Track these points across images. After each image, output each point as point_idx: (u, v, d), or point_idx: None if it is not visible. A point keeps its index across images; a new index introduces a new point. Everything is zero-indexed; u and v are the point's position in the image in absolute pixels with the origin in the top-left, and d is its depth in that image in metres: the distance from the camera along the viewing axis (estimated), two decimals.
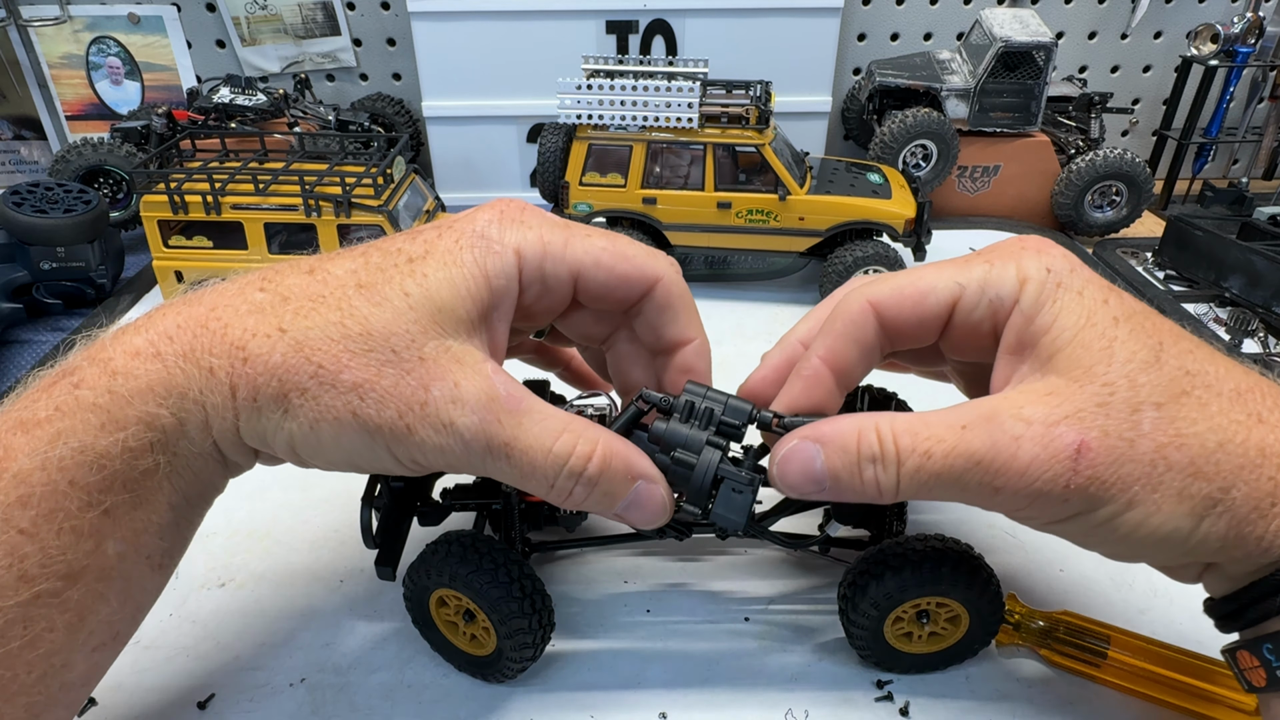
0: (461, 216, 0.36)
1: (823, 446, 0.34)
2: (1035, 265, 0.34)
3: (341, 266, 0.34)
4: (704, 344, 0.40)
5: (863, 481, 0.34)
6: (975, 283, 0.35)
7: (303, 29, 1.06)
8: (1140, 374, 0.31)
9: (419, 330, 0.33)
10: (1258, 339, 0.78)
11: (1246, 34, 0.99)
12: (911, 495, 0.34)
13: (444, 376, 0.32)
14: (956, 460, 0.32)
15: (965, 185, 1.01)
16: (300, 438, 0.33)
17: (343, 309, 0.33)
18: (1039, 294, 0.33)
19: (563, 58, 0.94)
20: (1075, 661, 0.42)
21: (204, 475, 0.34)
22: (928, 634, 0.42)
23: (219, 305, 0.33)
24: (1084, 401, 0.31)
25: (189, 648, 0.44)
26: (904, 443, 0.33)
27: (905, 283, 0.36)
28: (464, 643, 0.42)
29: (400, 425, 0.32)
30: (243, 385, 0.32)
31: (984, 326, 0.35)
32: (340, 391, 0.32)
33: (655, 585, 0.49)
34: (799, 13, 0.99)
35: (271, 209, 0.74)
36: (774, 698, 0.42)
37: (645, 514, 0.36)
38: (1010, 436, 0.31)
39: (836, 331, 0.37)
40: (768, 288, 0.86)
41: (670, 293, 0.38)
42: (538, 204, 0.86)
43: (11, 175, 1.10)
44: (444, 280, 0.34)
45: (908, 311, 0.36)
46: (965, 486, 0.32)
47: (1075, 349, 0.32)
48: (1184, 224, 0.88)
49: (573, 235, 0.37)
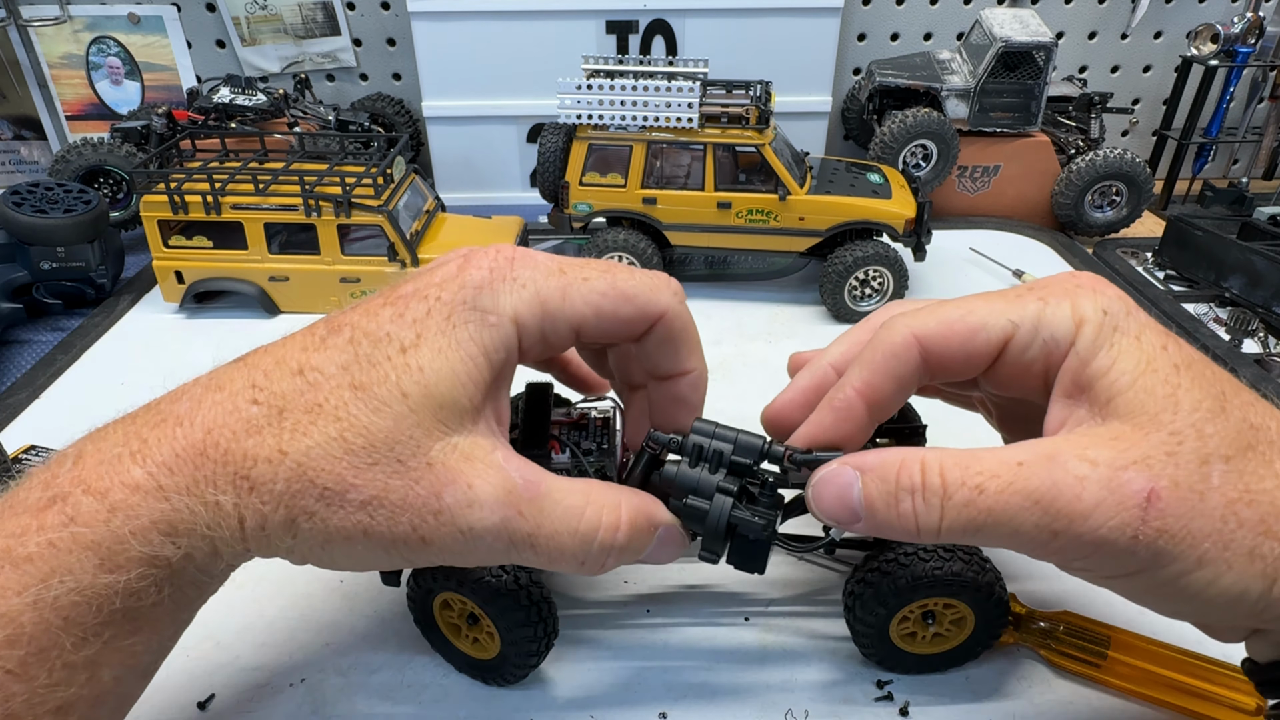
0: (448, 278, 0.34)
1: (862, 474, 0.33)
2: (1092, 306, 0.32)
3: (332, 362, 0.32)
4: (701, 374, 0.39)
5: (899, 514, 0.32)
6: (1029, 321, 0.33)
7: (303, 29, 1.06)
8: (1207, 424, 0.30)
9: (422, 434, 0.31)
10: (1258, 339, 0.78)
11: (1246, 34, 0.99)
12: (957, 535, 0.31)
13: (455, 480, 0.31)
14: (1013, 498, 0.30)
15: (965, 185, 1.01)
16: (314, 557, 0.33)
17: (341, 419, 0.31)
18: (1096, 336, 0.32)
19: (563, 58, 0.94)
20: (1076, 661, 0.42)
21: (209, 587, 0.34)
22: (932, 635, 0.42)
23: (214, 427, 0.31)
24: (1152, 448, 0.29)
25: (189, 648, 0.44)
26: (952, 476, 0.31)
27: (954, 317, 0.34)
28: (466, 646, 0.42)
29: (415, 537, 0.31)
30: (250, 515, 0.31)
31: (1036, 367, 0.34)
32: (349, 511, 0.31)
33: (655, 586, 0.49)
34: (799, 13, 0.99)
35: (271, 209, 0.75)
36: (774, 698, 0.42)
37: (668, 555, 0.36)
38: (1074, 476, 0.29)
39: (876, 364, 0.35)
40: (768, 288, 0.86)
41: (672, 328, 0.37)
42: (538, 204, 0.86)
43: (11, 175, 1.10)
44: (443, 373, 0.32)
45: (955, 348, 0.34)
46: (1019, 528, 0.30)
47: (1138, 394, 0.30)
48: (1184, 224, 0.88)
49: (570, 284, 0.35)
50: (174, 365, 0.71)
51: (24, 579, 0.28)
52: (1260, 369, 0.71)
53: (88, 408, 0.34)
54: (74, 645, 0.29)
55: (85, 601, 0.29)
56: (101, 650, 0.30)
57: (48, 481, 0.31)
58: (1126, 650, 0.41)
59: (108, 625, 0.30)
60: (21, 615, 0.28)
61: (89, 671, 0.30)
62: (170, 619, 0.32)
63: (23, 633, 0.28)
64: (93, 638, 0.29)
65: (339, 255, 0.76)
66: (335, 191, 0.74)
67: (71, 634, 0.29)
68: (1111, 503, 0.29)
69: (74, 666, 0.29)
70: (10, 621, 0.28)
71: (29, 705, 0.28)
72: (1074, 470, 0.29)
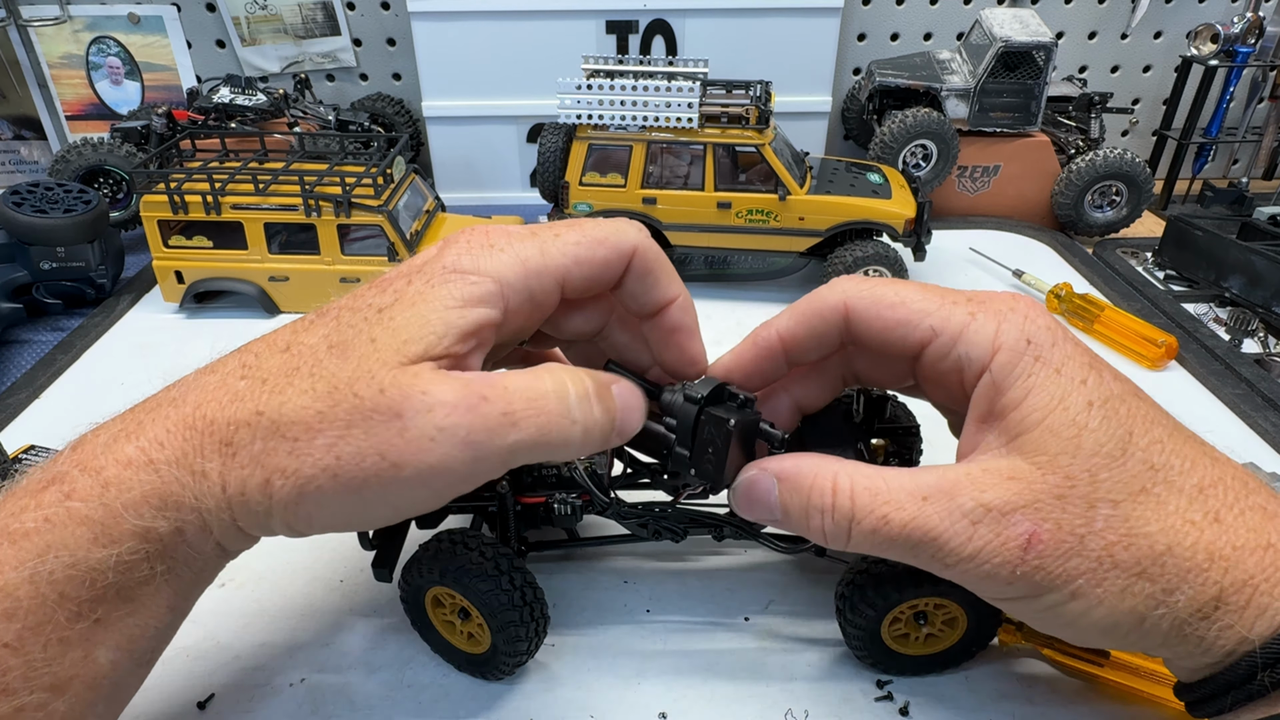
0: (428, 258, 0.34)
1: (780, 482, 0.36)
2: (1016, 333, 0.34)
3: (314, 335, 0.33)
4: (686, 299, 0.40)
5: (809, 528, 0.35)
6: (950, 333, 0.35)
7: (303, 29, 1.06)
8: (1103, 469, 0.32)
9: (380, 367, 0.30)
10: (1258, 339, 0.78)
11: (1246, 34, 0.99)
12: (864, 550, 0.35)
13: (410, 392, 0.30)
14: (913, 532, 0.33)
15: (965, 185, 1.01)
16: (290, 517, 0.32)
17: (314, 374, 0.31)
18: (1012, 366, 0.33)
19: (563, 58, 0.94)
20: (1078, 660, 0.42)
21: (204, 571, 0.34)
22: (925, 636, 0.42)
23: (203, 402, 0.32)
24: (1043, 492, 0.32)
25: (189, 648, 0.44)
26: (861, 501, 0.34)
27: (887, 303, 0.36)
28: (462, 641, 0.42)
29: (385, 464, 0.30)
30: (232, 481, 0.31)
31: (951, 378, 0.36)
32: (316, 456, 0.30)
33: (655, 585, 0.49)
34: (799, 13, 0.99)
35: (271, 209, 0.74)
36: (774, 698, 0.42)
37: (633, 413, 0.36)
38: (968, 521, 0.32)
39: (802, 316, 0.39)
40: (768, 288, 0.86)
41: (646, 259, 0.38)
42: (538, 204, 0.86)
43: (11, 175, 1.10)
44: (411, 319, 0.32)
45: (876, 330, 0.37)
46: (917, 557, 0.34)
47: (1043, 434, 0.32)
48: (1184, 224, 0.88)
49: (545, 242, 0.35)
50: (174, 365, 0.70)
51: (20, 554, 0.29)
52: (1260, 369, 0.71)
53: (88, 408, 0.34)
54: (68, 619, 0.29)
55: (79, 575, 0.29)
56: (95, 628, 0.30)
57: (48, 466, 0.32)
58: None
59: (101, 601, 0.30)
60: (18, 589, 0.29)
61: (84, 650, 0.30)
62: (165, 601, 0.32)
63: (19, 606, 0.29)
64: (87, 613, 0.30)
65: (339, 255, 0.76)
66: (335, 191, 0.74)
67: (65, 608, 0.29)
68: (996, 544, 0.32)
69: (68, 642, 0.30)
70: (7, 595, 0.29)
71: (25, 679, 0.29)
72: (969, 513, 0.32)
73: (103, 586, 0.30)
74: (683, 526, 0.45)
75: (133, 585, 0.31)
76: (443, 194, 0.96)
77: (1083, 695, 0.42)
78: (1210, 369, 0.71)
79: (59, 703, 0.30)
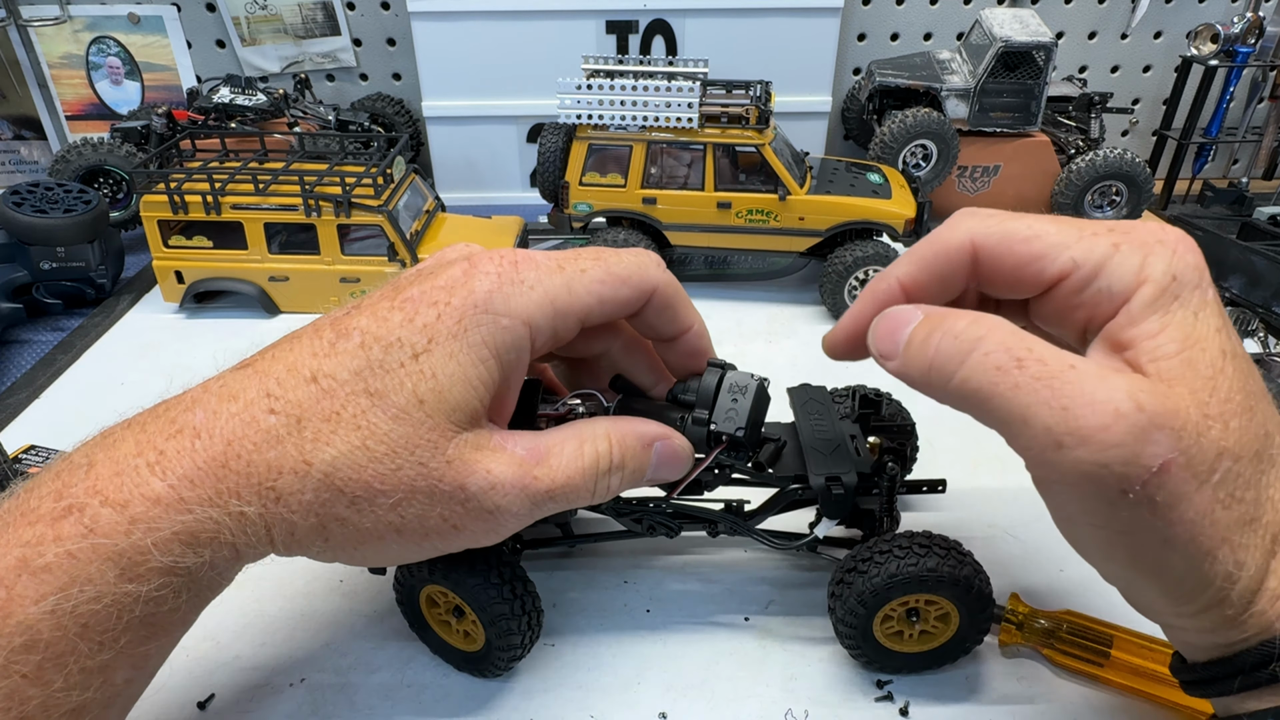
0: (455, 283, 0.34)
1: (926, 316, 0.33)
2: (1163, 266, 0.31)
3: (345, 368, 0.33)
4: (701, 327, 0.41)
5: (921, 348, 0.32)
6: (1092, 264, 0.32)
7: (303, 29, 1.06)
8: (1234, 419, 0.29)
9: (439, 436, 0.33)
10: (1258, 339, 0.78)
11: (1246, 34, 0.99)
12: (969, 395, 0.31)
13: (474, 470, 0.33)
14: (1044, 390, 0.29)
15: (965, 185, 1.01)
16: (345, 556, 0.35)
17: (362, 428, 0.32)
18: (1154, 299, 0.30)
19: (563, 58, 0.94)
20: (1078, 661, 0.42)
21: (220, 590, 0.34)
22: (918, 632, 0.42)
23: (234, 439, 0.32)
24: (1188, 420, 0.28)
25: (189, 648, 0.44)
26: (997, 334, 0.30)
27: (1020, 236, 0.33)
28: (458, 640, 0.42)
29: (446, 527, 0.34)
30: (278, 525, 0.32)
31: (1081, 311, 0.32)
32: (380, 513, 0.33)
33: (655, 585, 0.49)
34: (799, 13, 0.99)
35: (271, 209, 0.74)
36: (774, 698, 0.42)
37: (672, 465, 0.39)
38: (1113, 408, 0.28)
39: (925, 260, 0.35)
40: (768, 288, 0.86)
41: (666, 295, 0.39)
42: (538, 204, 0.86)
43: (11, 175, 1.10)
44: (455, 378, 0.33)
45: (1008, 268, 0.33)
46: (1031, 419, 0.29)
47: (1181, 364, 0.29)
48: (1184, 224, 0.88)
49: (571, 279, 0.36)
50: (174, 365, 0.71)
51: (42, 588, 0.29)
52: (1260, 369, 0.71)
53: (88, 408, 0.34)
54: (90, 651, 0.29)
55: (104, 610, 0.29)
56: (117, 656, 0.30)
57: (60, 491, 0.31)
58: (1129, 650, 0.41)
59: (125, 632, 0.30)
60: (39, 623, 0.28)
61: (103, 676, 0.30)
62: (183, 622, 0.33)
63: (39, 639, 0.28)
64: (110, 644, 0.30)
65: (339, 255, 0.76)
66: (335, 191, 0.74)
67: (89, 641, 0.29)
68: (1130, 451, 0.28)
69: (89, 671, 0.30)
70: (28, 629, 0.28)
71: (44, 709, 0.29)
72: (1116, 402, 0.28)
73: (129, 620, 0.30)
74: (677, 522, 0.46)
75: (158, 615, 0.31)
76: (443, 194, 0.96)
77: (1083, 695, 0.42)
78: None
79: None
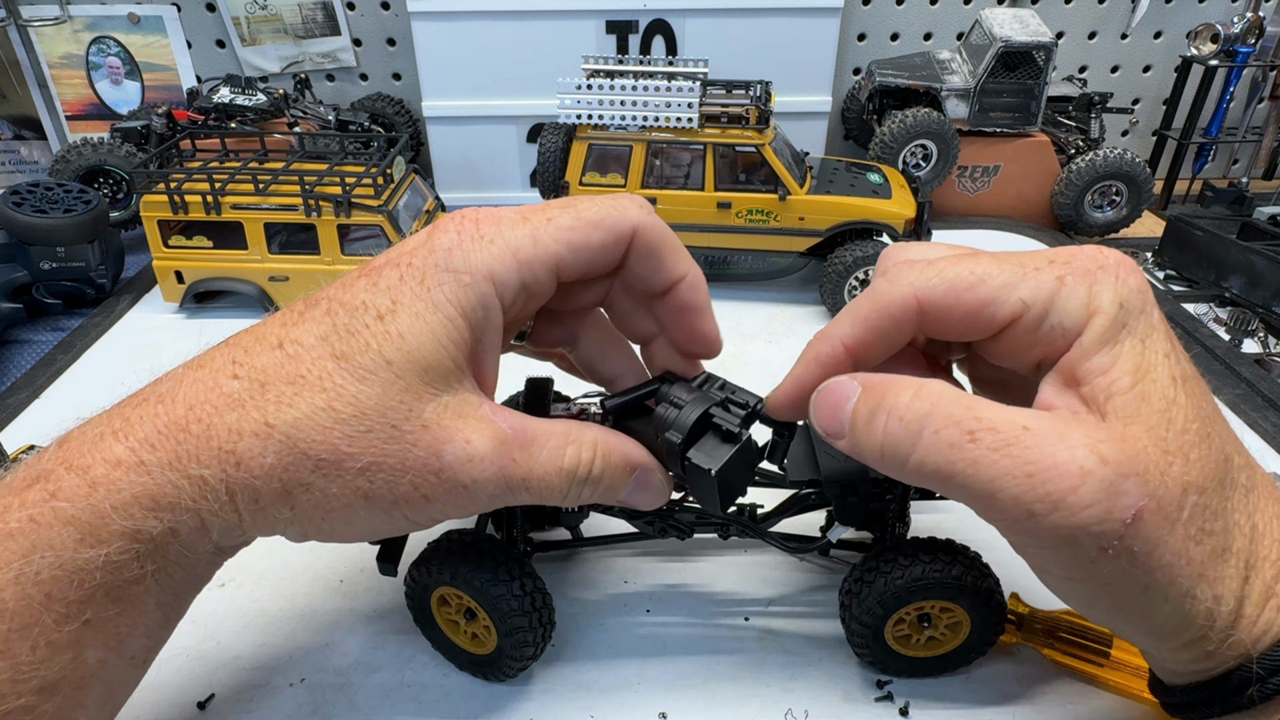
0: (417, 245, 0.34)
1: (863, 389, 0.32)
2: (1110, 296, 0.30)
3: (311, 334, 0.32)
4: (696, 276, 0.38)
5: (868, 432, 0.31)
6: (1041, 303, 0.31)
7: (303, 29, 1.06)
8: (1193, 449, 0.29)
9: (412, 398, 0.31)
10: (1258, 339, 0.78)
11: (1246, 34, 0.99)
12: (927, 476, 0.30)
13: (453, 437, 0.32)
14: (1005, 460, 0.28)
15: (965, 185, 1.01)
16: (312, 528, 0.33)
17: (327, 389, 0.31)
18: (1105, 332, 0.30)
19: (563, 58, 0.94)
20: (1078, 660, 0.42)
21: (197, 570, 0.34)
22: (926, 638, 0.42)
23: (195, 403, 0.31)
24: (1151, 463, 0.28)
25: (189, 648, 0.44)
26: (945, 410, 0.30)
27: (964, 284, 0.32)
28: (465, 641, 0.42)
29: (417, 496, 0.32)
30: (241, 490, 0.31)
31: (1035, 349, 0.32)
32: (348, 478, 0.31)
33: (655, 585, 0.49)
34: (799, 13, 0.99)
35: (271, 209, 0.74)
36: (774, 698, 0.42)
37: (646, 499, 0.37)
38: (1079, 467, 0.27)
39: (869, 321, 0.34)
40: (768, 288, 0.86)
41: (649, 239, 0.36)
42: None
43: (11, 175, 1.10)
44: (423, 336, 0.32)
45: (957, 318, 0.32)
46: (997, 492, 0.28)
47: (1134, 399, 0.29)
48: (1184, 224, 0.88)
49: (537, 229, 0.34)
50: (174, 365, 0.71)
51: (6, 554, 0.29)
52: (1260, 369, 0.71)
53: (88, 408, 0.34)
54: (56, 622, 0.29)
55: (66, 576, 0.29)
56: (84, 629, 0.30)
57: (33, 464, 0.31)
58: (1129, 650, 0.41)
59: (89, 602, 0.30)
60: (4, 590, 0.28)
61: (73, 651, 0.30)
62: (155, 600, 0.32)
63: (5, 608, 0.28)
64: (75, 614, 0.29)
65: (339, 255, 0.76)
66: (335, 191, 0.74)
67: (53, 610, 0.29)
68: (1103, 509, 0.27)
69: (56, 645, 0.29)
70: None
71: (12, 683, 0.28)
72: (1080, 459, 0.28)
73: (91, 587, 0.29)
74: (689, 524, 0.45)
75: (122, 585, 0.30)
76: (443, 194, 0.96)
77: (1083, 695, 0.42)
78: (1210, 369, 0.71)
79: (47, 704, 0.29)
